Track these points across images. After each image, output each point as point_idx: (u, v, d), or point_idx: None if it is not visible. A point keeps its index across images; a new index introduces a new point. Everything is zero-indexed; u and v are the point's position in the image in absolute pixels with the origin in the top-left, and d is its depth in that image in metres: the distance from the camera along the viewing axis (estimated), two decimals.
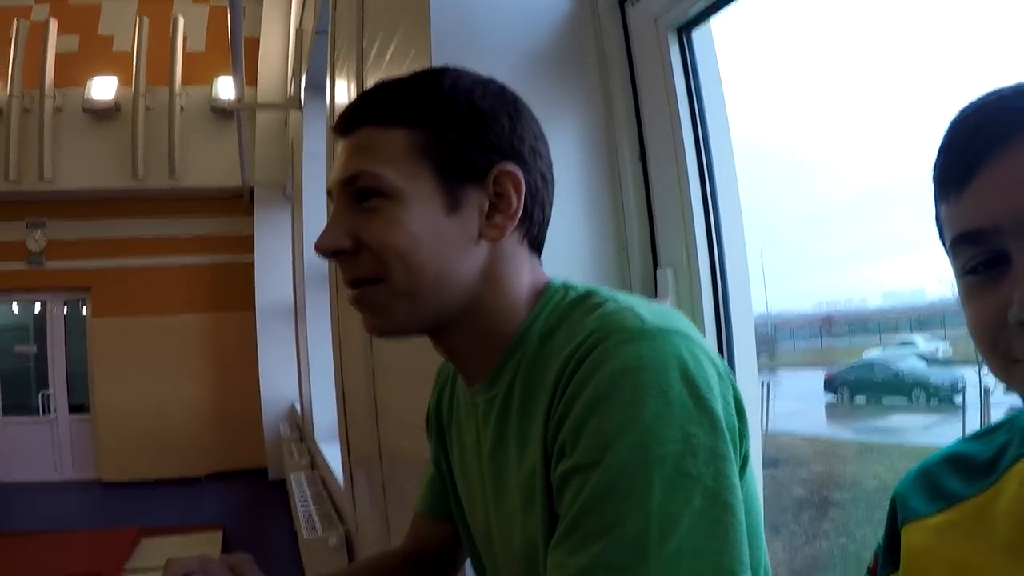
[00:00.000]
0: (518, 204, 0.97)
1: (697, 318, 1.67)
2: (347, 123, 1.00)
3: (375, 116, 0.97)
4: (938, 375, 4.97)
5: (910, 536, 0.93)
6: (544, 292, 1.01)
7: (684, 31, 1.77)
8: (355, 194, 0.96)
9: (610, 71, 1.90)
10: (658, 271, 1.78)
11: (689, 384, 0.80)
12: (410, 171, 0.94)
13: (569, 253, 1.02)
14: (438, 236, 0.94)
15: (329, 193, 1.02)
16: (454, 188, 0.95)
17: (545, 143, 1.04)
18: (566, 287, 1.01)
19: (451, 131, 0.95)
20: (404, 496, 2.73)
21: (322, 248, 0.96)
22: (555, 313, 0.97)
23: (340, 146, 1.01)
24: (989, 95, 0.73)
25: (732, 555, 0.75)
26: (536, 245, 1.04)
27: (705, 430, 0.78)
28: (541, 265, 1.06)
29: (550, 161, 1.04)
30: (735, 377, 0.91)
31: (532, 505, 0.91)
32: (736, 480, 0.79)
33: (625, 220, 1.83)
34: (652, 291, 1.78)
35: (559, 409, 0.85)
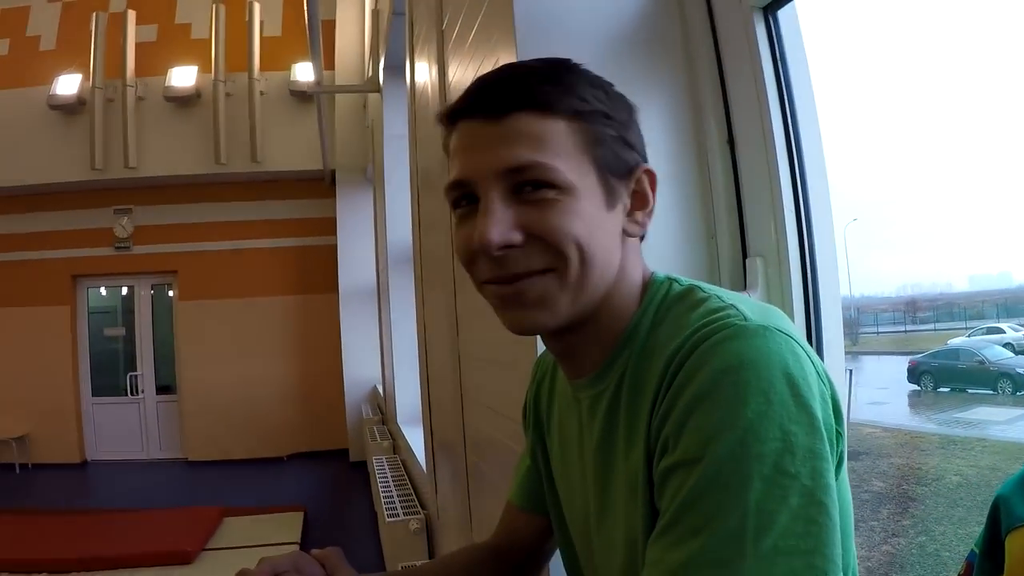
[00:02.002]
0: (654, 200, 0.99)
1: (787, 307, 1.62)
2: (496, 106, 0.92)
3: (533, 102, 0.91)
4: None
5: (1017, 542, 0.90)
6: (650, 286, 1.00)
7: (770, 11, 1.72)
8: (515, 186, 0.91)
9: (695, 54, 1.86)
10: (747, 260, 1.74)
11: (790, 383, 0.79)
12: (578, 165, 0.91)
13: (658, 242, 1.00)
14: (603, 229, 0.93)
15: (462, 184, 0.95)
16: (611, 184, 0.94)
17: None
18: (670, 280, 1.01)
19: (608, 129, 0.94)
20: (487, 484, 2.73)
21: (492, 243, 0.89)
22: (661, 308, 0.97)
23: (477, 130, 0.94)
24: None
25: (825, 554, 0.74)
26: (643, 236, 1.03)
27: (804, 429, 0.78)
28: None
29: None
30: (827, 368, 0.89)
31: (635, 499, 0.91)
32: (832, 480, 0.78)
33: (714, 208, 1.79)
34: (741, 280, 1.74)
35: (663, 406, 0.85)
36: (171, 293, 11.65)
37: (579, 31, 1.83)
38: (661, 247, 1.01)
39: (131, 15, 10.61)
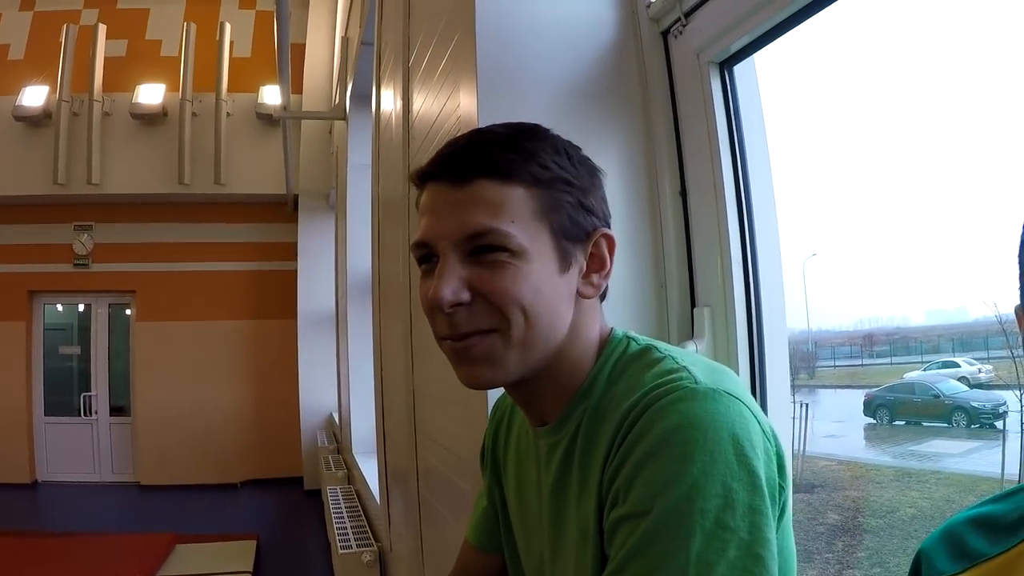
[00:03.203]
0: (610, 264, 1.04)
1: (732, 356, 1.67)
2: (460, 171, 0.98)
3: (494, 170, 0.97)
4: (980, 398, 4.85)
5: None
6: (608, 342, 1.06)
7: (726, 66, 1.76)
8: (472, 248, 0.96)
9: (653, 104, 1.90)
10: (695, 309, 1.77)
11: (735, 444, 0.84)
12: (534, 231, 0.96)
13: (610, 291, 1.04)
14: (553, 292, 0.98)
15: (425, 244, 1.00)
16: (565, 248, 0.99)
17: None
18: (628, 338, 1.06)
19: (566, 195, 0.99)
20: (438, 518, 2.73)
21: (443, 302, 0.95)
22: (618, 364, 1.02)
23: (441, 194, 1.00)
24: None
25: None
26: (604, 296, 1.09)
27: (745, 487, 0.83)
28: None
29: None
30: (773, 422, 0.95)
31: (586, 546, 0.96)
32: (771, 535, 0.83)
33: (665, 258, 1.82)
34: (689, 329, 1.77)
35: (615, 460, 0.90)
36: (129, 313, 11.48)
37: (540, 81, 1.86)
38: (613, 296, 1.04)
39: (102, 29, 10.53)
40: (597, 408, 1.00)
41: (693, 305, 1.79)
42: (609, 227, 1.05)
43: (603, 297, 1.09)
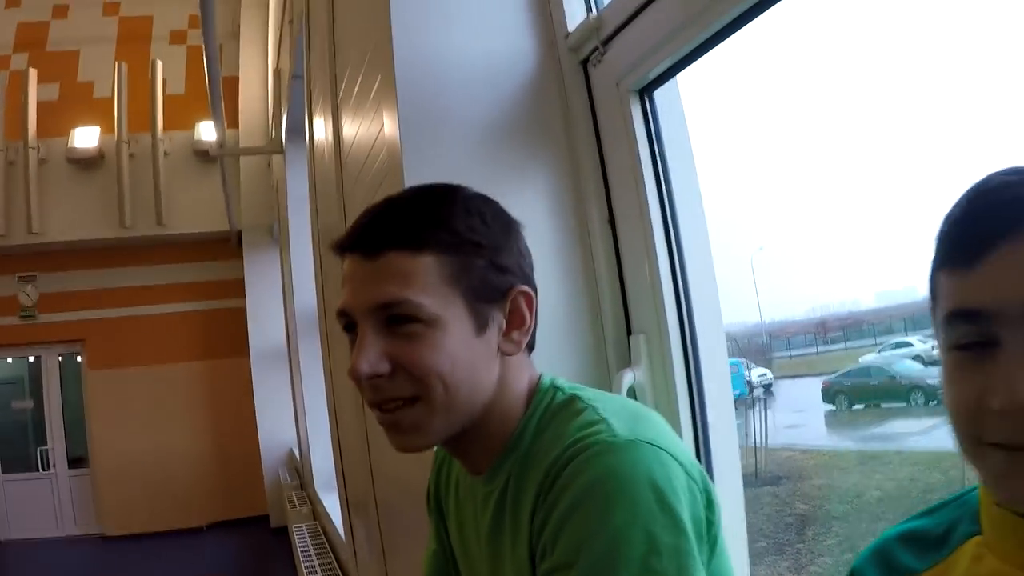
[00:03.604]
0: (531, 320, 1.06)
1: (668, 381, 1.68)
2: (371, 244, 1.01)
3: (403, 241, 0.99)
4: (935, 375, 4.95)
5: None
6: (536, 392, 1.08)
7: (646, 92, 1.78)
8: (387, 318, 0.99)
9: (576, 134, 1.91)
10: (631, 337, 1.78)
11: (655, 490, 0.87)
12: (445, 298, 0.99)
13: (545, 322, 1.05)
14: (471, 355, 1.00)
15: (345, 313, 1.03)
16: (480, 310, 1.01)
17: (530, 254, 1.12)
18: (554, 387, 1.09)
19: (477, 258, 1.01)
20: (401, 550, 2.74)
21: (361, 375, 0.98)
22: (546, 415, 1.05)
23: (356, 266, 1.02)
24: (1012, 171, 0.73)
25: None
26: (531, 347, 1.11)
27: (669, 531, 0.85)
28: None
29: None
30: (717, 440, 0.98)
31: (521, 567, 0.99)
32: (699, 572, 0.86)
33: (598, 287, 1.83)
34: (627, 357, 1.77)
35: (542, 513, 0.93)
36: (80, 360, 11.31)
37: (462, 115, 1.87)
38: (551, 329, 1.06)
39: (32, 73, 10.38)
40: (526, 458, 1.03)
41: (629, 332, 1.80)
42: (529, 282, 1.08)
43: (531, 348, 1.11)
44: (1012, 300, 0.68)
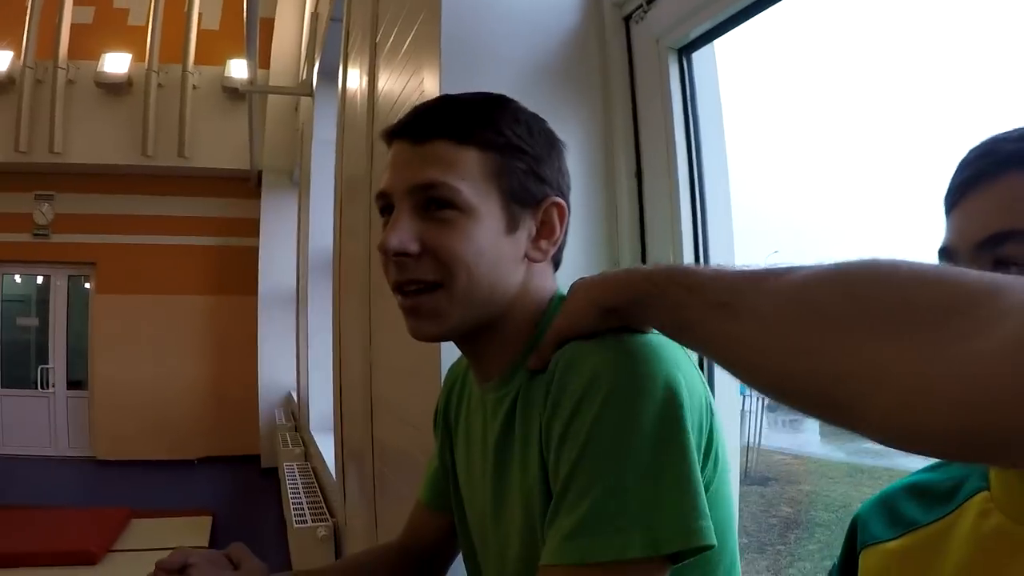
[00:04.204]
0: (560, 233, 1.10)
1: None
2: (421, 131, 1.05)
3: (452, 132, 1.03)
4: None
5: (868, 559, 0.98)
6: (552, 300, 1.11)
7: (684, 53, 1.79)
8: (424, 202, 1.02)
9: (612, 88, 1.93)
10: None
11: (666, 388, 0.87)
12: (482, 191, 1.02)
13: (565, 264, 1.08)
14: (498, 252, 1.03)
15: (385, 195, 1.07)
16: (514, 211, 1.05)
17: (570, 175, 1.15)
18: None
19: (519, 162, 1.05)
20: (393, 492, 2.76)
21: (389, 248, 1.01)
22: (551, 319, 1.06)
23: (402, 150, 1.06)
24: (999, 135, 0.83)
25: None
26: (557, 264, 1.15)
27: (677, 437, 0.85)
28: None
29: None
30: (713, 395, 0.98)
31: (532, 495, 0.99)
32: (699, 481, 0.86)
33: (619, 235, 1.85)
34: None
35: (552, 398, 0.93)
36: (88, 286, 11.36)
37: (503, 60, 1.89)
38: (567, 269, 1.09)
39: None
40: None
41: None
42: (564, 197, 1.10)
43: (557, 265, 1.15)
44: (968, 241, 0.80)
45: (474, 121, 1.05)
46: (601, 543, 0.82)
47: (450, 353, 1.65)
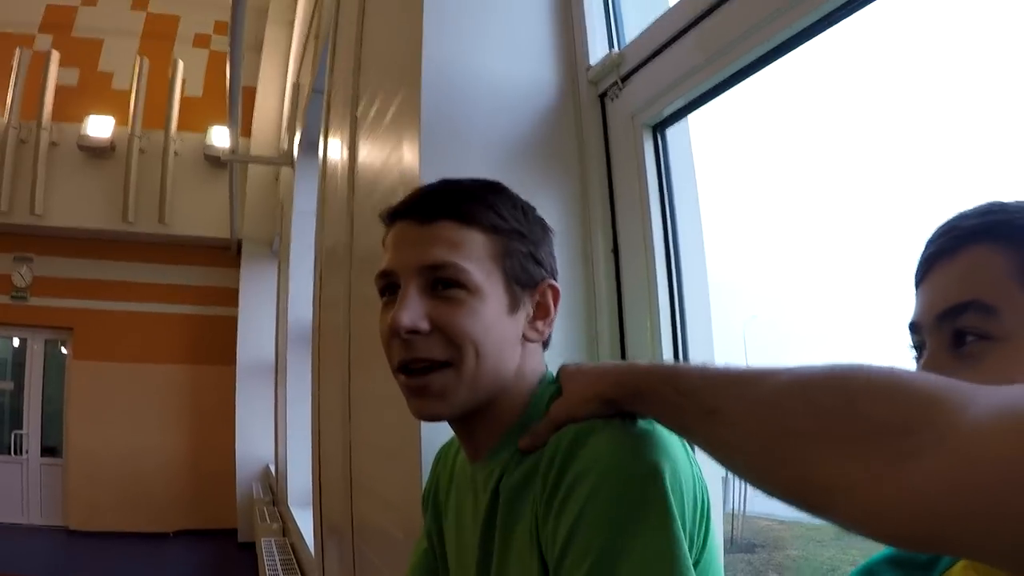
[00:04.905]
0: (555, 313, 1.14)
1: None
2: (426, 212, 1.07)
3: (457, 213, 1.06)
4: None
5: None
6: (542, 380, 1.13)
7: (659, 129, 1.82)
8: (432, 281, 1.04)
9: (589, 165, 1.95)
10: None
11: (660, 479, 0.88)
12: (487, 271, 1.05)
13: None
14: (502, 331, 1.06)
15: (388, 274, 1.08)
16: (515, 292, 1.08)
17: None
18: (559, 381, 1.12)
19: (519, 245, 1.09)
20: (374, 571, 2.71)
21: (401, 326, 1.02)
22: (549, 401, 1.07)
23: (407, 229, 1.08)
24: (962, 212, 0.88)
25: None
26: (546, 345, 1.17)
27: (671, 526, 0.86)
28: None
29: None
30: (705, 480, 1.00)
31: (528, 559, 0.99)
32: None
33: (597, 312, 1.86)
34: None
35: (552, 477, 0.94)
36: (64, 351, 11.22)
37: (482, 137, 1.92)
38: (547, 356, 1.11)
39: (55, 56, 10.41)
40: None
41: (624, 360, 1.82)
42: (555, 280, 1.15)
43: (546, 345, 1.17)
44: (930, 314, 0.85)
45: (476, 204, 1.08)
46: None
47: (430, 435, 1.64)
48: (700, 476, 0.97)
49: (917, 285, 0.90)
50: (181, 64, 10.61)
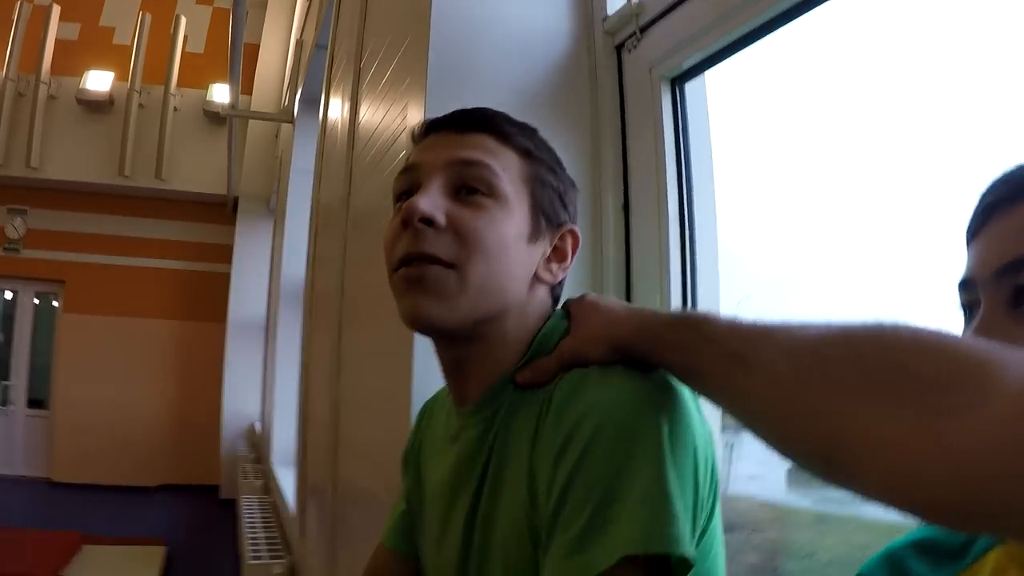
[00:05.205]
0: (570, 261, 1.07)
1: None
2: (466, 123, 1.02)
3: (497, 131, 1.02)
4: None
5: None
6: (548, 319, 1.04)
7: (677, 83, 1.74)
8: (459, 183, 0.98)
9: (601, 117, 1.87)
10: None
11: (670, 432, 0.82)
12: (517, 189, 1.00)
13: None
14: (518, 253, 0.99)
15: (412, 169, 1.02)
16: (539, 222, 1.02)
17: None
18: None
19: (551, 179, 1.05)
20: (353, 533, 2.68)
21: (417, 210, 0.94)
22: (551, 340, 0.99)
23: (443, 136, 1.02)
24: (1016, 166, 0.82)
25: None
26: (556, 299, 1.09)
27: (679, 481, 0.81)
28: None
29: None
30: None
31: (516, 510, 0.92)
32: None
33: (603, 271, 1.78)
34: None
35: (550, 421, 0.88)
36: (55, 303, 11.17)
37: (490, 85, 1.85)
38: None
39: (55, 10, 10.32)
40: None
41: None
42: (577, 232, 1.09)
43: (556, 298, 1.09)
44: (987, 269, 0.78)
45: (515, 128, 1.04)
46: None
47: (423, 388, 1.57)
48: (711, 438, 0.91)
49: (971, 238, 0.82)
50: (184, 20, 10.53)
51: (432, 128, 1.05)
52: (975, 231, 0.82)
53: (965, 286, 0.82)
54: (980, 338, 0.73)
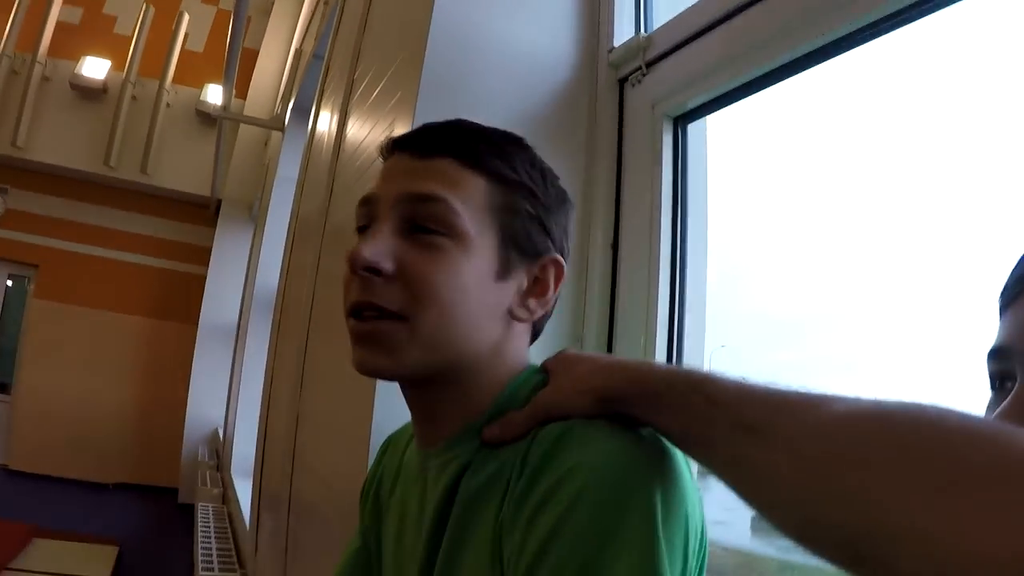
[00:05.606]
0: (552, 295, 0.97)
1: None
2: (426, 145, 0.93)
3: (461, 152, 0.92)
4: None
5: None
6: (523, 372, 0.97)
7: (680, 122, 1.68)
8: (413, 220, 0.89)
9: (598, 150, 1.81)
10: None
11: (662, 498, 0.74)
12: (481, 223, 0.90)
13: None
14: (481, 297, 0.90)
15: (369, 202, 0.94)
16: (510, 256, 0.93)
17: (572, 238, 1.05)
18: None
19: (527, 204, 0.94)
20: (305, 552, 2.60)
21: (359, 259, 0.87)
22: (523, 392, 0.92)
23: (401, 161, 0.94)
24: None
25: None
26: (537, 334, 1.03)
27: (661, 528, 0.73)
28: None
29: None
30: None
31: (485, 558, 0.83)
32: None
33: (586, 310, 1.71)
34: None
35: (524, 483, 0.79)
36: (27, 290, 10.99)
37: (482, 105, 1.79)
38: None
39: None
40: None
41: None
42: (564, 258, 0.99)
43: (536, 334, 1.02)
44: (1020, 340, 0.72)
45: (488, 149, 0.93)
46: None
47: (383, 419, 1.49)
48: (702, 504, 0.84)
49: (1006, 305, 0.77)
50: (187, 17, 10.48)
51: (396, 146, 0.97)
52: (1012, 297, 0.76)
53: (998, 355, 0.76)
54: (1017, 411, 0.69)
